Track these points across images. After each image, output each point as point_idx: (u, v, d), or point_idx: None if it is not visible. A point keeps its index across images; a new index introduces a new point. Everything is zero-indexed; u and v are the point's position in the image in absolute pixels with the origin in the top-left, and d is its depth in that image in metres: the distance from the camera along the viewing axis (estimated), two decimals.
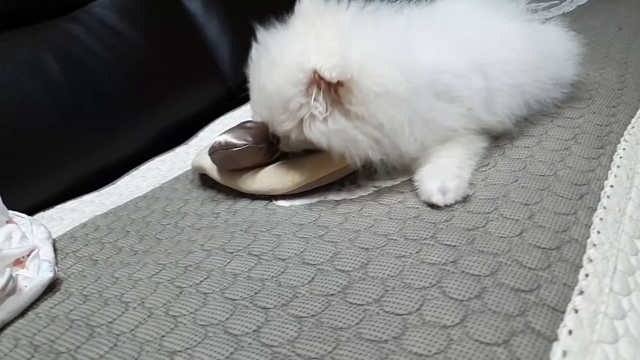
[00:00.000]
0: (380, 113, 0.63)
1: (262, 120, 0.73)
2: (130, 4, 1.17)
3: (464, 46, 0.69)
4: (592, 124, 0.77)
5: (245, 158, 0.77)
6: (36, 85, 0.97)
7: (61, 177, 0.99)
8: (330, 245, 0.58)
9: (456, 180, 0.63)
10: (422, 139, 0.67)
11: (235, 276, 0.57)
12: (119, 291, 0.60)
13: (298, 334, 0.47)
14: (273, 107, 0.66)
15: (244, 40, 1.39)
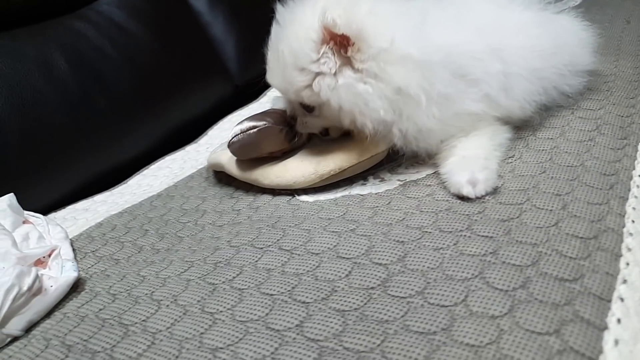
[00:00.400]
0: (392, 73, 0.63)
1: (278, 89, 0.74)
2: (137, 2, 1.16)
3: (480, 31, 0.69)
4: (613, 115, 0.76)
5: (265, 140, 0.76)
6: (45, 83, 0.96)
7: (72, 177, 0.97)
8: (364, 239, 0.57)
9: (485, 171, 0.62)
10: (442, 118, 0.66)
11: (268, 271, 0.56)
12: (148, 289, 0.59)
13: (343, 327, 0.46)
14: (286, 67, 0.67)
15: (250, 38, 1.40)
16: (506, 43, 0.70)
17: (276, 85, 0.74)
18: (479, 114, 0.69)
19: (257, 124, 0.76)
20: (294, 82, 0.67)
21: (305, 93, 0.68)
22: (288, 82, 0.68)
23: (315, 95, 0.67)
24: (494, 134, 0.70)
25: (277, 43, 0.69)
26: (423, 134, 0.67)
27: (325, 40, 0.64)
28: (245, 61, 1.38)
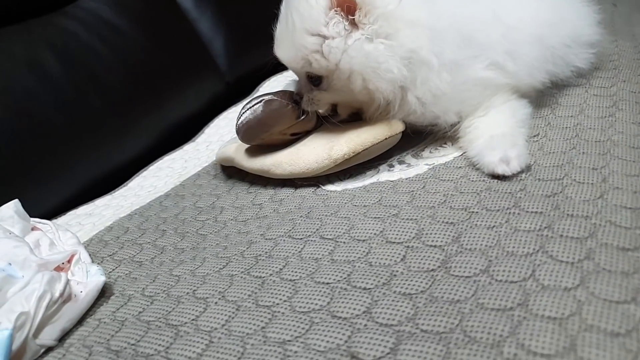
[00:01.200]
0: (402, 35, 0.64)
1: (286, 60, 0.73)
2: None
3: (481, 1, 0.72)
4: (626, 91, 0.78)
5: (272, 115, 0.74)
6: (38, 84, 0.91)
7: (71, 181, 0.93)
8: (411, 223, 0.56)
9: (516, 148, 0.62)
10: (454, 84, 0.67)
11: (316, 261, 0.54)
12: (188, 288, 0.56)
13: (414, 310, 0.44)
14: (295, 32, 0.67)
15: (238, 35, 1.37)
16: (507, 11, 0.72)
17: (283, 56, 0.73)
18: (489, 82, 0.69)
19: (262, 97, 0.75)
20: (303, 47, 0.67)
21: (314, 57, 0.67)
22: (298, 48, 0.68)
23: (325, 60, 0.66)
24: (514, 110, 0.70)
25: (287, 12, 0.69)
26: (438, 99, 0.68)
27: (333, 5, 0.64)
28: (234, 58, 1.35)
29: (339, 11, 0.64)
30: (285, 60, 0.73)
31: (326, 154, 0.71)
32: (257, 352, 0.44)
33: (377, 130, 0.71)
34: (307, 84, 0.73)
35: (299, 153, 0.74)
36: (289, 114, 0.75)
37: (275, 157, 0.77)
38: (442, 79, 0.67)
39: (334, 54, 0.66)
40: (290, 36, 0.68)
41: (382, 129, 0.71)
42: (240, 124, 0.77)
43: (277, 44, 0.73)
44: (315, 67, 0.68)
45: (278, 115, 0.75)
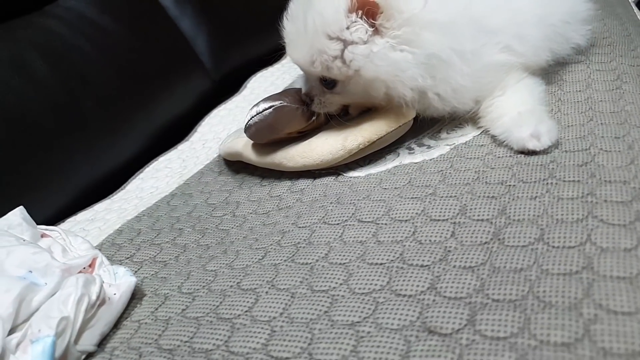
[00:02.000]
0: (424, 39, 0.63)
1: (303, 68, 0.71)
2: None
3: None
4: (625, 65, 0.80)
5: (281, 120, 0.73)
6: (26, 86, 0.87)
7: (67, 187, 0.89)
8: (452, 200, 0.56)
9: (545, 123, 0.63)
10: (473, 74, 0.67)
11: (362, 243, 0.54)
12: (230, 281, 0.55)
13: (480, 282, 0.44)
14: (316, 36, 0.64)
15: (221, 32, 1.34)
16: None
17: (299, 59, 0.70)
18: (504, 65, 0.70)
19: (272, 103, 0.73)
20: (323, 52, 0.65)
21: (335, 64, 0.65)
22: (315, 51, 0.65)
23: (345, 66, 0.65)
24: (531, 87, 0.71)
25: (303, 13, 0.66)
26: (458, 92, 0.68)
27: (354, 7, 0.62)
28: (218, 56, 1.33)
29: (360, 14, 0.62)
30: (300, 62, 0.70)
31: (340, 145, 0.70)
32: (328, 336, 0.43)
33: (390, 119, 0.70)
34: (319, 86, 0.71)
35: (311, 145, 0.73)
36: (299, 118, 0.74)
37: (287, 151, 0.75)
38: (463, 72, 0.66)
39: (357, 61, 0.63)
40: (308, 38, 0.65)
41: (394, 117, 0.70)
42: (248, 126, 0.75)
43: (291, 45, 0.71)
44: (334, 72, 0.66)
45: (288, 120, 0.74)
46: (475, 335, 0.39)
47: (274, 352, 0.43)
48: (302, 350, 0.42)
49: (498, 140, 0.66)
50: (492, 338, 0.39)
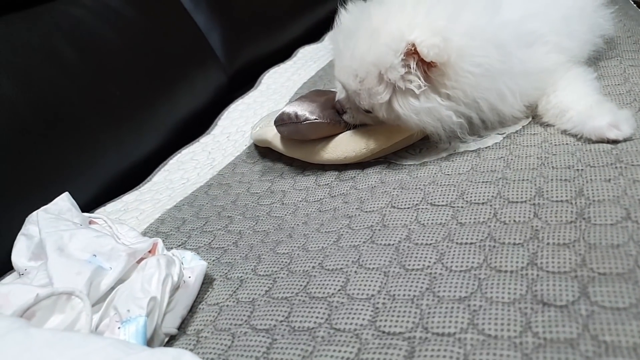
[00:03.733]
0: (479, 91, 0.63)
1: (346, 90, 0.69)
2: None
3: None
4: None
5: (312, 132, 0.75)
6: (58, 73, 0.84)
7: (97, 176, 0.87)
8: (526, 183, 0.57)
9: (621, 112, 0.64)
10: (522, 92, 0.68)
11: (442, 225, 0.54)
12: (311, 262, 0.54)
13: (581, 258, 0.45)
14: (368, 75, 0.63)
15: (234, 27, 1.33)
16: None
17: (344, 82, 0.69)
18: (556, 63, 0.71)
19: (306, 116, 0.74)
20: (371, 93, 0.64)
21: (379, 105, 0.65)
22: (365, 90, 0.65)
23: (390, 110, 0.64)
24: (583, 79, 0.72)
25: (358, 42, 0.65)
26: (505, 110, 0.68)
27: (411, 54, 0.60)
28: (231, 50, 1.32)
29: (415, 61, 0.60)
30: (345, 85, 0.69)
31: (364, 143, 0.72)
32: (439, 311, 0.43)
33: None
34: (356, 106, 0.70)
35: (336, 142, 0.75)
36: (330, 129, 0.75)
37: (313, 146, 0.77)
38: (514, 101, 0.67)
39: (405, 110, 0.63)
40: (360, 75, 0.64)
41: None
42: (279, 126, 0.78)
43: (339, 66, 0.69)
44: (376, 110, 0.66)
45: (319, 131, 0.75)
46: (593, 307, 0.40)
47: (385, 327, 0.42)
48: (415, 325, 0.42)
49: (555, 129, 0.67)
50: (611, 309, 0.39)
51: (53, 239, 0.56)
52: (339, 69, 0.71)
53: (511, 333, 0.39)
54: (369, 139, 0.72)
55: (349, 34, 0.68)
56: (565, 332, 0.38)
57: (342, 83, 0.70)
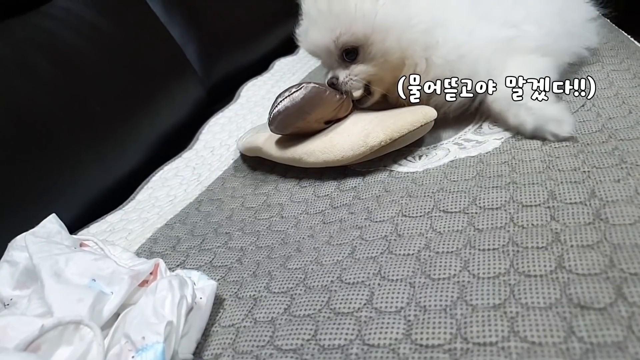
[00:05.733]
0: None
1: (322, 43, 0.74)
2: None
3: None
4: (636, 66, 0.85)
5: (311, 102, 0.72)
6: (33, 88, 0.80)
7: (79, 196, 0.82)
8: (537, 187, 0.57)
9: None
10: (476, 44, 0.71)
11: (460, 232, 0.53)
12: (328, 276, 0.52)
13: (609, 259, 0.45)
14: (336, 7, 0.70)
15: (210, 40, 1.31)
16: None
17: (322, 37, 0.74)
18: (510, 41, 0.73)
19: (301, 84, 0.73)
20: (340, 17, 0.70)
21: (351, 23, 0.70)
22: (339, 19, 0.70)
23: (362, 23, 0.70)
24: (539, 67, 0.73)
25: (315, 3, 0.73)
26: (464, 60, 0.71)
27: None
28: (208, 63, 1.29)
29: None
30: (320, 42, 0.74)
31: (362, 141, 0.70)
32: (475, 320, 0.41)
33: (412, 118, 0.71)
34: (342, 62, 0.74)
35: (332, 141, 0.73)
36: (328, 99, 0.73)
37: (307, 146, 0.75)
38: (463, 40, 0.71)
39: (370, 14, 0.69)
40: (330, 14, 0.71)
41: (416, 116, 0.71)
42: (276, 112, 0.74)
43: (307, 33, 0.76)
44: (355, 33, 0.71)
45: (317, 101, 0.73)
46: (633, 308, 0.39)
47: (422, 340, 0.41)
48: (453, 335, 0.40)
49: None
50: None
51: (48, 264, 0.52)
52: (312, 35, 0.75)
53: (555, 339, 0.38)
54: (367, 136, 0.70)
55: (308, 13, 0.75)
56: (611, 336, 0.37)
57: (319, 42, 0.74)
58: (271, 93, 1.22)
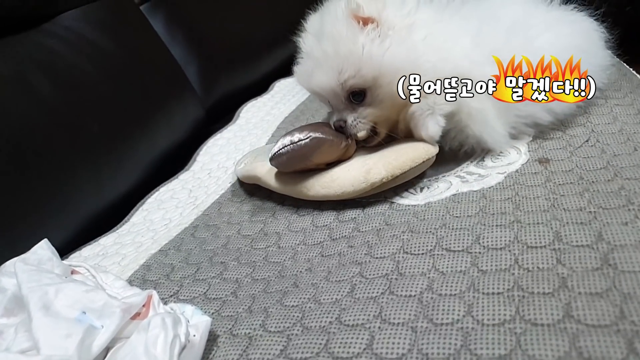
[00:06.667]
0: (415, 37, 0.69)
1: (328, 87, 0.72)
2: (103, 16, 1.01)
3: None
4: (638, 101, 0.85)
5: (317, 151, 0.71)
6: (32, 107, 0.78)
7: (76, 217, 0.81)
8: (542, 227, 0.56)
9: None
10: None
11: (463, 273, 0.51)
12: (326, 317, 0.50)
13: (619, 310, 0.43)
14: (339, 50, 0.69)
15: (211, 60, 1.30)
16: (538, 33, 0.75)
17: (327, 80, 0.72)
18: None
19: (310, 134, 0.72)
20: (346, 59, 0.68)
21: (358, 66, 0.68)
22: (344, 61, 0.69)
23: (369, 65, 0.68)
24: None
25: (318, 43, 0.72)
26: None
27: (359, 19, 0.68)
28: (208, 83, 1.28)
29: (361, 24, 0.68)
30: (326, 85, 0.72)
31: (363, 177, 0.69)
32: None
33: (414, 154, 0.70)
34: (349, 104, 0.73)
35: (332, 176, 0.72)
36: (334, 147, 0.73)
37: (308, 180, 0.74)
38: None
39: (378, 56, 0.67)
40: (333, 57, 0.70)
41: (418, 152, 0.70)
42: (279, 153, 0.73)
43: (312, 75, 0.74)
44: (362, 75, 0.69)
45: (322, 150, 0.72)
46: None
47: None
48: None
49: (555, 167, 0.67)
50: None
51: (37, 295, 0.50)
52: (316, 77, 0.73)
53: None
54: (368, 172, 0.69)
55: (309, 52, 0.74)
56: None
57: (324, 85, 0.73)
58: (270, 115, 1.21)
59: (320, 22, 0.74)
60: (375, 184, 0.68)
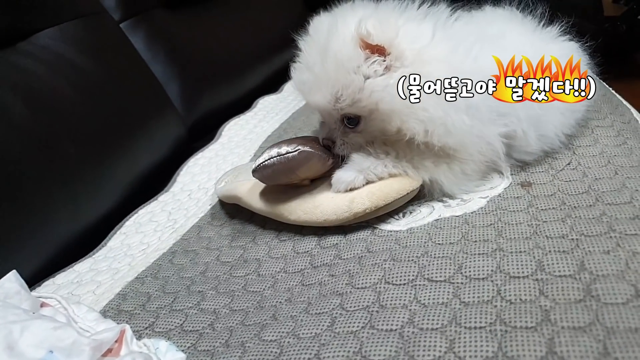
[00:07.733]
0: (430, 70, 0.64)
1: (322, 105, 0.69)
2: (81, 34, 0.99)
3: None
4: (619, 122, 0.85)
5: (303, 164, 0.70)
6: (7, 130, 0.76)
7: (50, 242, 0.78)
8: (524, 255, 0.55)
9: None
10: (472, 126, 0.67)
11: (445, 305, 0.50)
12: (305, 353, 0.49)
13: (605, 347, 0.42)
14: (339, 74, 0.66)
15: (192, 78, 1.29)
16: None
17: (322, 101, 0.69)
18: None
19: (298, 147, 0.70)
20: (349, 87, 0.66)
21: (361, 96, 0.66)
22: (343, 87, 0.66)
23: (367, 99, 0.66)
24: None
25: (320, 58, 0.68)
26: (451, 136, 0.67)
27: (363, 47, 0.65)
28: (190, 101, 1.27)
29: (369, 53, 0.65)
30: (324, 103, 0.69)
31: (346, 207, 0.68)
32: None
33: (398, 185, 0.68)
34: (341, 127, 0.71)
35: (315, 202, 0.71)
36: (320, 164, 0.72)
37: (290, 204, 0.73)
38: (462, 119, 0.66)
39: (378, 92, 0.65)
40: (332, 77, 0.67)
41: (402, 183, 0.69)
42: (263, 166, 0.71)
43: (313, 90, 0.70)
44: (360, 106, 0.67)
45: (309, 166, 0.71)
46: None
47: None
48: None
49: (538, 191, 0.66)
50: None
51: (1, 334, 0.48)
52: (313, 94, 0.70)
53: None
54: (352, 202, 0.68)
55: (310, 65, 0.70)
56: None
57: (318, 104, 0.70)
58: (253, 133, 1.20)
59: (327, 31, 0.69)
60: (358, 214, 0.67)
